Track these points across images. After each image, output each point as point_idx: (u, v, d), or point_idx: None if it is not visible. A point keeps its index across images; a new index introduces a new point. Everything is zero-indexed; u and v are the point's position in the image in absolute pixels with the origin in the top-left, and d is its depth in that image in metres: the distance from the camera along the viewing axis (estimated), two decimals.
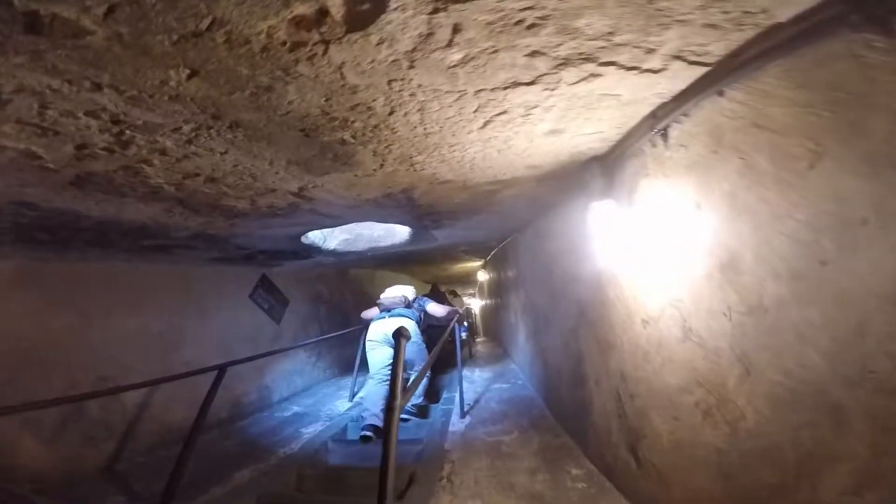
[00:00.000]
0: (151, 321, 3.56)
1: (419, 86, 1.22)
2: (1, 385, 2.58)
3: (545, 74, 1.24)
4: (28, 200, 1.80)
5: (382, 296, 4.42)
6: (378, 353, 4.06)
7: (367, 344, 4.14)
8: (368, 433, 3.53)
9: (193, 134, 1.41)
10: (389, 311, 4.22)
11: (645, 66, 1.25)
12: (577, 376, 2.93)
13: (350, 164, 1.84)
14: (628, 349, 2.11)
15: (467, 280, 12.88)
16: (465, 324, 4.21)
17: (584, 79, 1.29)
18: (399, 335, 1.86)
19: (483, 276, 10.08)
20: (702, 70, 1.27)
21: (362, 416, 3.73)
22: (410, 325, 4.08)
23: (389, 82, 1.19)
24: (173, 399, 3.40)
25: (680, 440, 1.72)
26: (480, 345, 9.18)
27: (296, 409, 4.61)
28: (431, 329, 4.75)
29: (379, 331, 4.07)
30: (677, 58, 1.21)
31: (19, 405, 2.14)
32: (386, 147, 1.69)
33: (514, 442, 3.19)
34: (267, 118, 1.34)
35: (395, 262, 7.65)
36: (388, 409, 1.65)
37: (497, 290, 8.06)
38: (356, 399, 4.83)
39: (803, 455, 1.14)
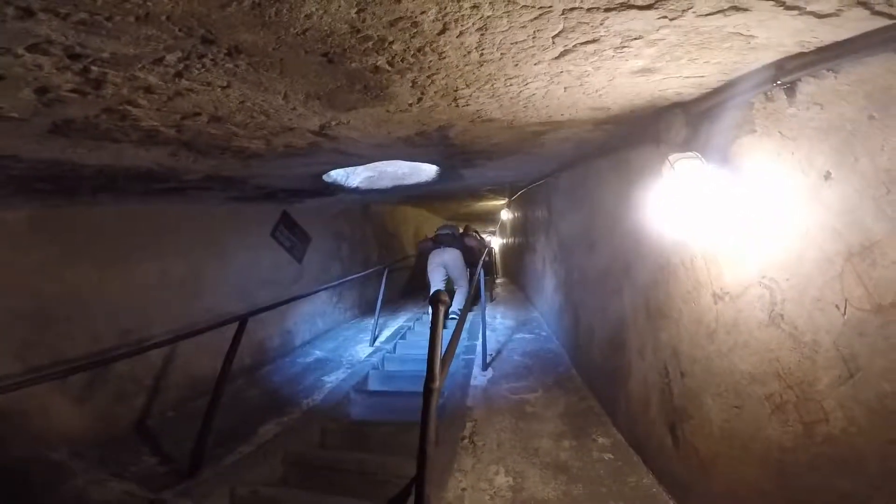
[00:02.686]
0: (171, 266, 3.40)
1: None
2: (27, 346, 2.49)
3: None
4: (7, 153, 1.60)
5: (438, 232, 5.89)
6: (436, 276, 5.61)
7: (429, 268, 5.68)
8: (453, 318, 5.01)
9: (182, 66, 1.11)
10: (443, 244, 5.65)
11: (810, 8, 0.92)
12: (614, 340, 2.75)
13: (382, 97, 1.52)
14: (687, 323, 1.92)
15: (488, 218, 12.63)
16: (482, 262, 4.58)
17: (721, 10, 0.95)
18: (437, 301, 1.66)
19: (506, 215, 9.79)
20: (883, 22, 0.94)
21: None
22: (458, 255, 5.60)
23: None
24: (198, 350, 3.32)
25: (735, 430, 1.61)
26: (500, 287, 9.08)
27: (318, 353, 4.60)
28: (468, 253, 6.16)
29: (436, 260, 5.60)
30: (861, 3, 0.89)
31: (56, 371, 2.13)
32: (428, 77, 1.36)
33: (539, 401, 3.09)
34: (277, 39, 1.02)
35: (417, 199, 7.40)
36: (427, 390, 1.52)
37: (522, 232, 7.78)
38: (377, 344, 4.81)
39: (890, 469, 1.06)
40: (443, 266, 5.52)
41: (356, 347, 4.78)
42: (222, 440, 2.66)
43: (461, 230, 6.06)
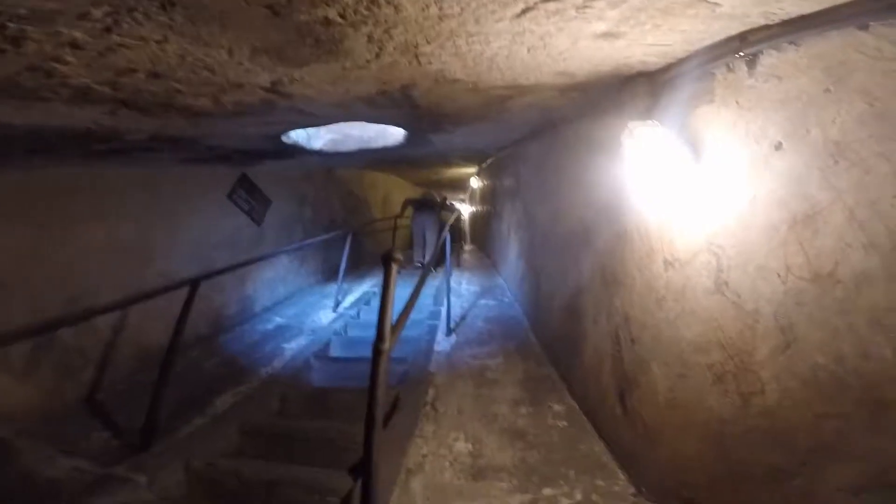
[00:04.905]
0: (119, 230, 3.20)
1: None
2: None
3: None
4: None
5: (421, 196, 7.50)
6: (418, 232, 7.23)
7: (413, 226, 7.36)
8: (418, 266, 6.92)
9: (111, 20, 1.01)
10: (424, 206, 7.24)
11: None
12: (572, 308, 2.81)
13: (336, 52, 1.43)
14: (639, 290, 1.95)
15: (459, 185, 12.56)
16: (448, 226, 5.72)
17: None
18: (390, 259, 1.63)
19: (476, 183, 9.78)
20: None
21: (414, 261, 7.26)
22: (435, 217, 7.17)
23: None
24: (149, 318, 3.17)
25: (678, 399, 1.65)
26: (468, 253, 9.14)
27: (278, 320, 4.52)
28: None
29: (418, 220, 7.24)
30: None
31: None
32: (385, 31, 1.27)
33: (499, 368, 3.16)
34: None
35: (385, 164, 7.25)
36: (376, 351, 1.51)
37: (490, 200, 7.81)
38: (341, 310, 4.76)
39: (817, 444, 1.10)
40: (422, 225, 7.20)
41: (319, 313, 4.73)
42: (177, 412, 2.60)
43: (439, 199, 7.72)
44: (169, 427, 2.46)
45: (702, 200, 1.52)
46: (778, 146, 1.21)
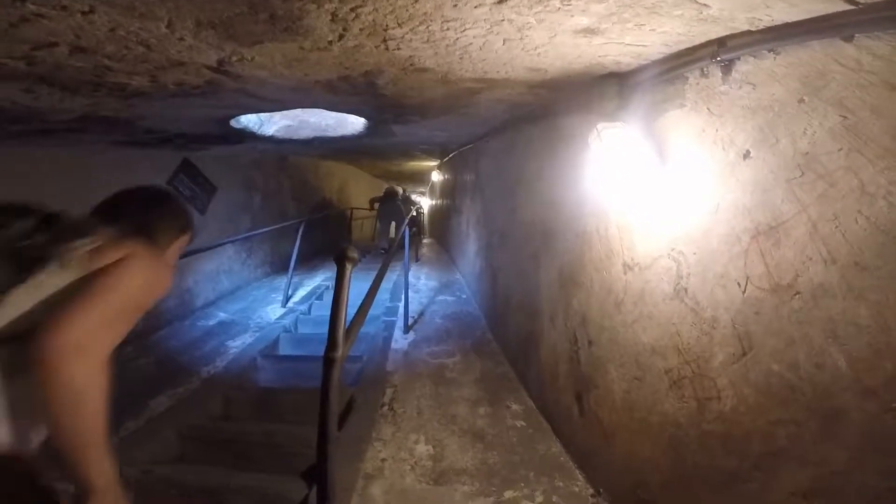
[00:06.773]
0: None
1: None
2: None
3: None
4: None
5: (385, 190, 8.20)
6: (384, 221, 8.10)
7: (379, 216, 8.16)
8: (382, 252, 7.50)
9: None
10: (389, 198, 7.93)
11: None
12: (529, 307, 2.81)
13: (295, 30, 1.30)
14: (598, 292, 1.95)
15: (419, 178, 12.45)
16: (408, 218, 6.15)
17: None
18: (344, 258, 1.51)
19: (437, 177, 9.74)
20: (842, 7, 0.91)
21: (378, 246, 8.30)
22: (399, 207, 7.74)
23: None
24: None
25: (635, 402, 1.66)
26: (426, 247, 9.07)
27: (222, 316, 4.26)
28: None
29: (384, 209, 7.96)
30: None
31: None
32: (352, 10, 1.16)
33: (457, 366, 3.12)
34: None
35: (344, 154, 7.01)
36: (327, 360, 1.39)
37: (450, 194, 7.77)
38: (291, 304, 4.55)
39: (770, 450, 1.11)
40: (389, 214, 7.90)
41: (266, 308, 4.51)
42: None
43: (401, 192, 8.52)
44: None
45: (665, 206, 1.52)
46: (746, 155, 1.21)
